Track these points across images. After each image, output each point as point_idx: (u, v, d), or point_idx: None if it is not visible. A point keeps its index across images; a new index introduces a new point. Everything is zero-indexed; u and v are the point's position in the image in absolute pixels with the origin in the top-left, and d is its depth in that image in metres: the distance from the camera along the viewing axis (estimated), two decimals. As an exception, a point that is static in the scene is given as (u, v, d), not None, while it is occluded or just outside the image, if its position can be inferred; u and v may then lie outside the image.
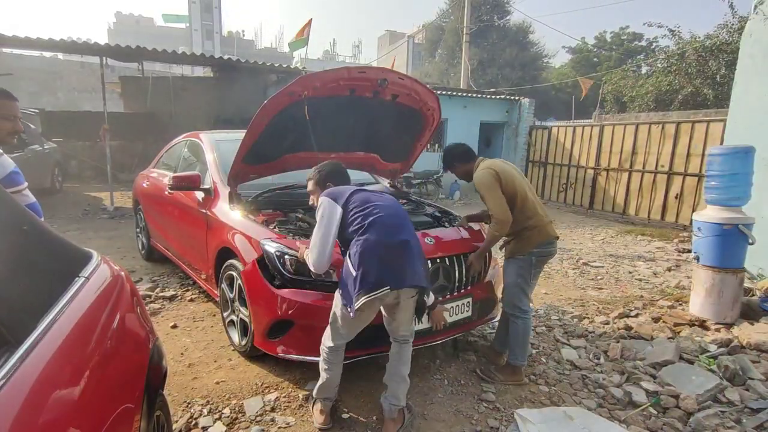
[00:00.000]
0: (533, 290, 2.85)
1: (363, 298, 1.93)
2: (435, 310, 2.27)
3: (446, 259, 2.73)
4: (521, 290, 2.70)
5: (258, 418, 2.34)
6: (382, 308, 2.18)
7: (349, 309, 2.01)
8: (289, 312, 2.46)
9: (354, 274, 1.97)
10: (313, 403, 2.38)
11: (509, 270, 2.75)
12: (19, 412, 0.85)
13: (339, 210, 2.11)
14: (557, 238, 2.78)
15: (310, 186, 2.40)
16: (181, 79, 13.76)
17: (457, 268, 2.76)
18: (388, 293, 1.96)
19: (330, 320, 2.22)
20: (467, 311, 2.80)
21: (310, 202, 2.43)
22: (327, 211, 2.12)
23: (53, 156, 9.49)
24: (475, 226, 3.17)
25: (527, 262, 2.68)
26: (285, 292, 2.47)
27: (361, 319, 2.11)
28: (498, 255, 3.30)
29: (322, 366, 2.26)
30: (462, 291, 2.80)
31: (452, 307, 2.70)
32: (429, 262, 2.59)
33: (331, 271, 2.46)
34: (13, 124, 2.09)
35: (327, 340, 2.24)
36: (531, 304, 2.83)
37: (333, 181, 2.34)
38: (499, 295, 2.95)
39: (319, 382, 2.28)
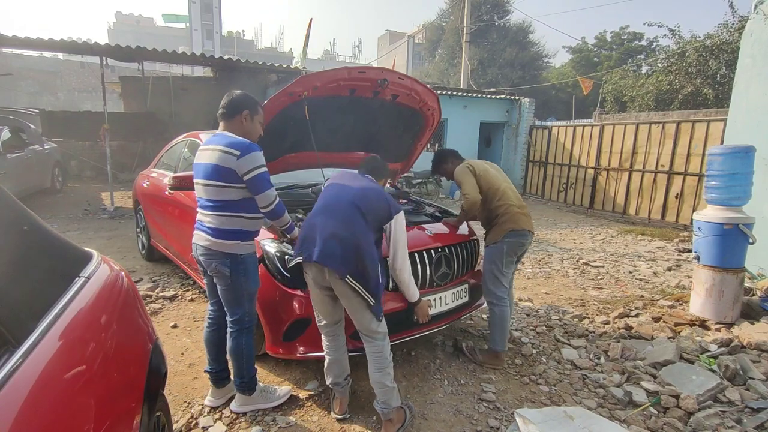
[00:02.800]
0: (509, 279, 3.01)
1: (293, 262, 2.23)
2: (419, 305, 2.38)
3: (446, 248, 2.88)
4: (494, 277, 2.90)
5: (258, 418, 2.34)
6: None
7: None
8: (309, 310, 2.45)
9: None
10: (332, 395, 2.43)
11: (485, 258, 2.99)
12: (19, 412, 0.85)
13: None
14: (531, 231, 2.95)
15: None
16: (181, 79, 13.77)
17: (455, 256, 2.92)
18: (305, 263, 2.16)
19: None
20: (465, 297, 2.97)
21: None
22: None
23: (53, 156, 9.49)
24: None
25: (499, 249, 2.88)
26: (300, 291, 2.47)
27: (314, 299, 2.27)
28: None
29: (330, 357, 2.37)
30: (460, 278, 2.98)
31: (453, 292, 2.86)
32: (432, 251, 2.79)
33: None
34: None
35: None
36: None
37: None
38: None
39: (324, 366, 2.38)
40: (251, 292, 2.29)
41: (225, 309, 2.31)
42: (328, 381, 2.37)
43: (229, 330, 2.30)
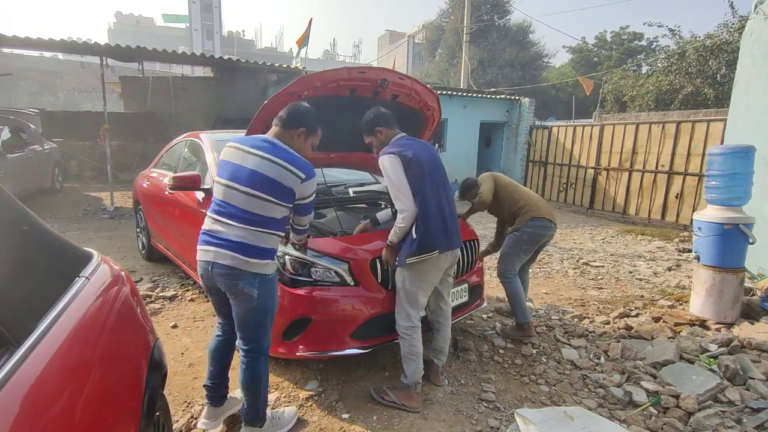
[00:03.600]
0: (522, 264, 3.39)
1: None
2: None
3: None
4: (509, 259, 3.27)
5: (258, 418, 2.33)
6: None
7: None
8: (309, 309, 2.47)
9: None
10: (403, 391, 2.46)
11: (505, 243, 3.38)
12: (19, 412, 0.85)
13: None
14: (553, 222, 3.30)
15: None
16: (181, 79, 13.77)
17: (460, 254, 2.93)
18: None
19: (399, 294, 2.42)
20: (465, 296, 3.00)
21: None
22: None
23: (53, 156, 9.50)
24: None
25: (519, 236, 3.27)
26: (301, 290, 2.48)
27: (430, 284, 2.45)
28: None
29: (409, 351, 2.41)
30: (460, 277, 3.00)
31: (453, 292, 2.85)
32: None
33: (334, 272, 2.52)
34: None
35: (406, 320, 2.41)
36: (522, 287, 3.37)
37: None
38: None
39: (414, 366, 2.41)
40: (274, 312, 2.10)
41: (241, 334, 2.06)
42: (417, 378, 2.44)
43: (244, 359, 2.04)
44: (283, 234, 2.08)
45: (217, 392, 2.23)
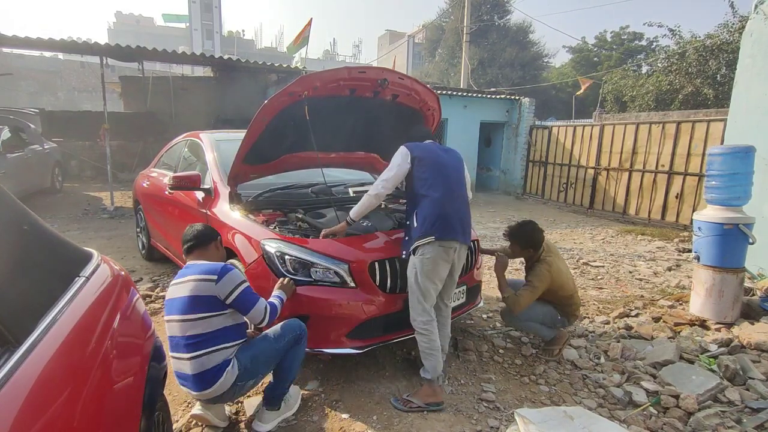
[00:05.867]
0: None
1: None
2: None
3: None
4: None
5: (258, 418, 2.34)
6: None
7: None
8: (307, 306, 2.47)
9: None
10: (425, 389, 2.47)
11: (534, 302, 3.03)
12: (19, 412, 0.85)
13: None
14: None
15: None
16: (181, 79, 13.77)
17: None
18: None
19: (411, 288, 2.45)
20: (462, 298, 3.01)
21: None
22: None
23: (53, 156, 9.49)
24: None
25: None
26: (300, 289, 2.48)
27: (441, 273, 2.49)
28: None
29: (429, 346, 2.43)
30: (459, 279, 2.96)
31: (453, 293, 2.85)
32: None
33: (333, 272, 2.52)
34: None
35: (422, 314, 2.43)
36: None
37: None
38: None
39: (435, 360, 2.44)
40: (281, 341, 2.15)
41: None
42: (439, 371, 2.46)
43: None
44: (233, 343, 2.05)
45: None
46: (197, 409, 2.18)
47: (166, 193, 4.03)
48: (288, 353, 2.16)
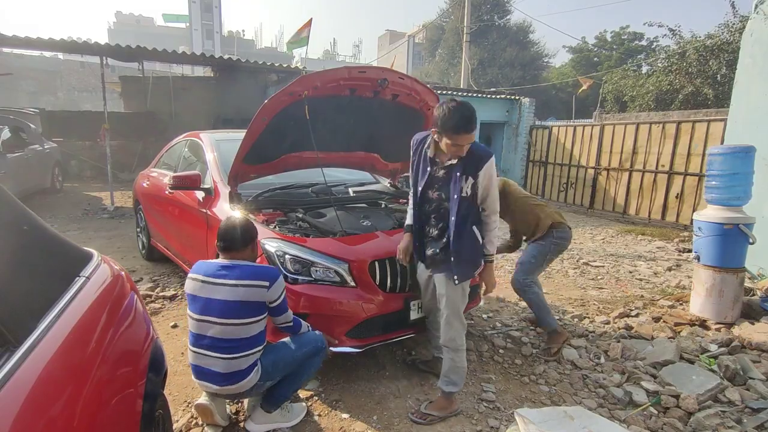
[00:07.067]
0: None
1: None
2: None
3: None
4: (532, 269, 3.20)
5: (258, 418, 2.33)
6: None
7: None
8: (307, 305, 2.47)
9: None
10: (443, 400, 2.42)
11: (526, 251, 3.27)
12: (19, 412, 0.85)
13: None
14: (569, 227, 3.36)
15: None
16: (181, 79, 13.77)
17: None
18: None
19: (455, 311, 2.32)
20: None
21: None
22: None
23: (53, 156, 9.49)
24: None
25: (545, 247, 3.22)
26: (300, 287, 2.48)
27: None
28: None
29: (461, 361, 2.37)
30: None
31: None
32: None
33: (334, 271, 2.51)
34: None
35: (460, 337, 2.35)
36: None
37: None
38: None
39: (463, 376, 2.40)
40: (305, 349, 2.19)
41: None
42: (461, 387, 2.42)
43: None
44: (261, 346, 2.09)
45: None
46: (203, 399, 2.18)
47: (166, 192, 4.03)
48: (304, 362, 2.19)
